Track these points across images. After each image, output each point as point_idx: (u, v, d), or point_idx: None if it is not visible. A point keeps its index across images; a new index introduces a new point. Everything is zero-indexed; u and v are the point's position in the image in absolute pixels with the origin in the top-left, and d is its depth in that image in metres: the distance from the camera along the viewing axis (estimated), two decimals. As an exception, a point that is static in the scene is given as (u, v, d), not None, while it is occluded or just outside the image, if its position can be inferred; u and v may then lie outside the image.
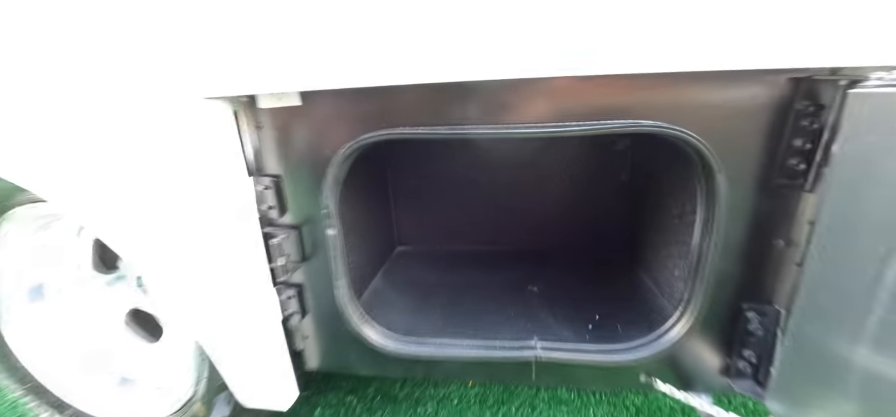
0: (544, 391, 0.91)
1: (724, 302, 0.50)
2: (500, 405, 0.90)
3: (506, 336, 0.60)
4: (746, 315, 0.50)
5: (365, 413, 0.91)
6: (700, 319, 0.51)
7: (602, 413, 0.86)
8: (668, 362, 0.55)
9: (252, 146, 0.52)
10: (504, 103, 0.46)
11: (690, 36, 0.38)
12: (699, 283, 0.50)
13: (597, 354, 0.55)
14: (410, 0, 0.40)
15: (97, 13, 0.46)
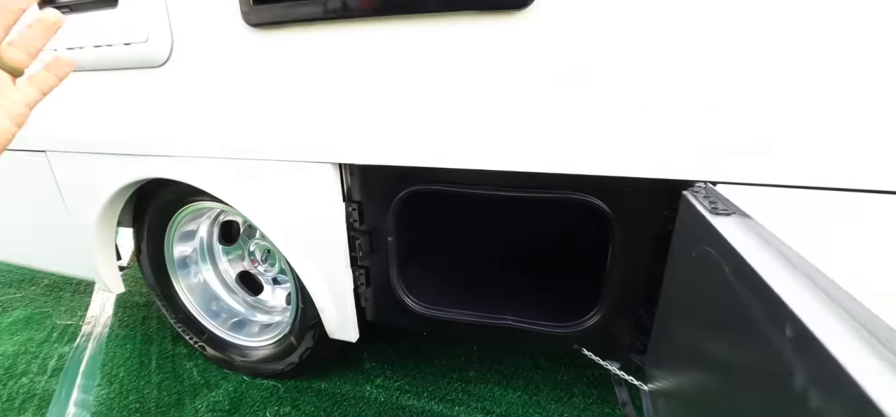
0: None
1: (626, 302, 0.82)
2: (495, 363, 1.25)
3: (492, 312, 0.94)
4: (639, 311, 0.82)
5: (398, 355, 1.29)
6: (613, 312, 0.84)
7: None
8: (593, 338, 0.88)
9: (347, 184, 0.88)
10: (500, 179, 0.79)
11: (607, 154, 0.69)
12: (610, 290, 0.82)
13: (546, 327, 0.89)
14: (438, 120, 0.74)
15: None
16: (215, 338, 1.28)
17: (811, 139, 0.57)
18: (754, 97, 0.59)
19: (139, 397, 1.19)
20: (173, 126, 0.89)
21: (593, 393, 1.14)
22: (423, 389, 1.17)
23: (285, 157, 0.84)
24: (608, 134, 0.66)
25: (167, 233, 1.18)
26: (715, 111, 0.61)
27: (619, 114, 0.64)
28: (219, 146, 0.88)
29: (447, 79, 0.70)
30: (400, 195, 0.83)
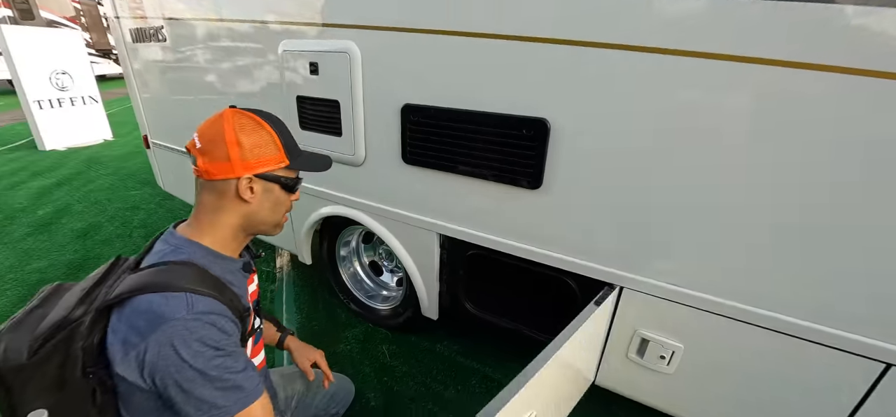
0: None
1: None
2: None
3: (516, 321, 1.63)
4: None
5: (461, 334, 2.05)
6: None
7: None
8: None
9: (441, 239, 1.63)
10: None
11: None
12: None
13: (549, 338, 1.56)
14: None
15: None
16: (355, 300, 2.17)
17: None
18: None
19: (316, 323, 2.13)
20: (361, 194, 1.72)
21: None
22: (473, 356, 1.92)
23: (413, 222, 1.61)
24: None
25: (338, 240, 2.08)
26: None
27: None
28: (379, 206, 1.68)
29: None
30: (467, 252, 1.56)
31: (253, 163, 0.79)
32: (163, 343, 0.67)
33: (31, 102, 5.16)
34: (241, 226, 0.85)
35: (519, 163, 1.24)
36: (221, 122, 0.78)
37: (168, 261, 0.76)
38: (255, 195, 0.81)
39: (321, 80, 1.56)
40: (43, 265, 2.63)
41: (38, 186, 4.01)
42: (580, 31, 1.04)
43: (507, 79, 1.18)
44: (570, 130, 1.14)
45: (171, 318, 0.67)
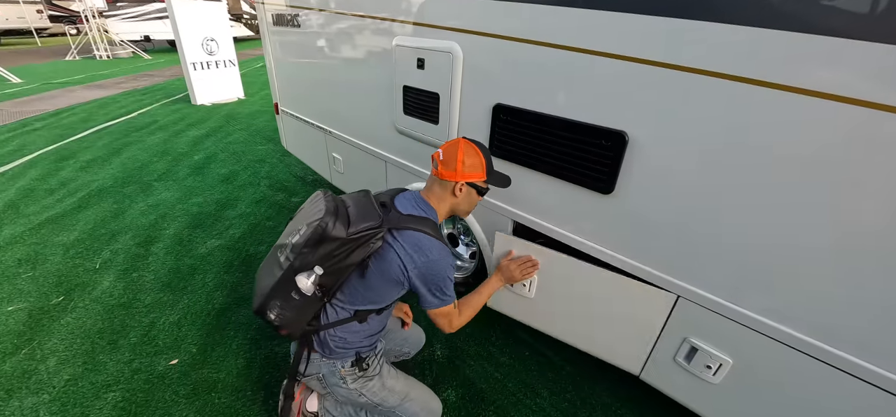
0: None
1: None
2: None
3: (575, 306, 1.78)
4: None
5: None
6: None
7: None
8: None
9: (513, 225, 1.82)
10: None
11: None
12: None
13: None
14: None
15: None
16: (433, 264, 2.48)
17: (727, 290, 1.24)
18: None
19: (398, 279, 2.49)
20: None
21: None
22: (530, 331, 2.11)
23: (491, 207, 1.82)
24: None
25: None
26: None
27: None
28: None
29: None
30: (537, 241, 1.73)
31: (467, 175, 1.29)
32: (431, 263, 1.22)
33: (189, 64, 6.32)
34: (450, 208, 1.37)
35: (594, 168, 1.38)
36: (458, 147, 1.30)
37: (425, 217, 1.29)
38: (462, 193, 1.32)
39: (426, 74, 1.81)
40: (200, 200, 3.39)
41: (194, 135, 5.01)
42: (666, 53, 1.13)
43: (592, 92, 1.31)
44: (647, 145, 1.24)
45: (438, 255, 1.24)
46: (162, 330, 2.03)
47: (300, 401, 1.62)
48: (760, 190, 1.08)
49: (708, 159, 1.15)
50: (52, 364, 1.82)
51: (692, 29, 1.06)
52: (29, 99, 6.86)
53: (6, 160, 4.14)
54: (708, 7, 1.03)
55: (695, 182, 1.19)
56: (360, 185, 2.87)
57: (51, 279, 2.39)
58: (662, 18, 1.11)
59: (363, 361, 1.36)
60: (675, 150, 1.20)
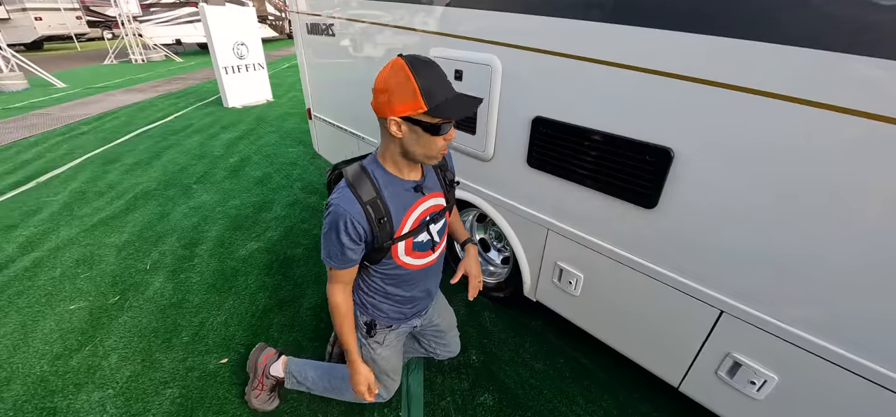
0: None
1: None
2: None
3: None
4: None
5: (556, 321, 2.27)
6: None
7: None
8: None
9: (545, 239, 1.84)
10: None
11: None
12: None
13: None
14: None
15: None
16: (465, 269, 2.52)
17: (775, 307, 1.23)
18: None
19: (431, 283, 2.54)
20: (485, 185, 2.01)
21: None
22: (565, 338, 2.14)
23: (527, 216, 1.85)
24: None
25: (457, 215, 2.43)
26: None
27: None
28: (500, 197, 1.95)
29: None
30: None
31: (397, 108, 0.96)
32: (330, 202, 1.10)
33: (221, 68, 6.54)
34: (400, 153, 1.08)
35: (637, 182, 1.39)
36: (385, 72, 0.99)
37: (359, 166, 1.13)
38: (404, 132, 1.01)
39: (464, 86, 1.84)
40: (237, 203, 3.53)
41: (228, 138, 5.20)
42: (719, 73, 1.13)
43: (638, 108, 1.32)
44: (694, 162, 1.25)
45: (333, 200, 1.09)
46: (211, 329, 2.14)
47: (265, 364, 1.72)
48: (810, 209, 1.08)
49: (757, 178, 1.14)
50: (113, 361, 1.96)
51: (746, 50, 1.06)
52: (73, 103, 7.25)
53: (59, 163, 4.41)
54: (764, 29, 1.03)
55: (742, 199, 1.19)
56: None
57: (107, 279, 2.55)
58: (715, 38, 1.11)
59: (373, 329, 1.40)
60: (723, 168, 1.20)
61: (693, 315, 1.43)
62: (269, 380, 1.71)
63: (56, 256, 2.78)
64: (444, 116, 0.99)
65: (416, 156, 1.07)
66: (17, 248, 2.88)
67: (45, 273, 2.61)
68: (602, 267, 1.64)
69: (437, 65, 1.00)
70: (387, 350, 1.47)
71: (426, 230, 1.25)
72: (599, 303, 1.74)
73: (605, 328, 1.78)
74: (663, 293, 1.47)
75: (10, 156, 4.60)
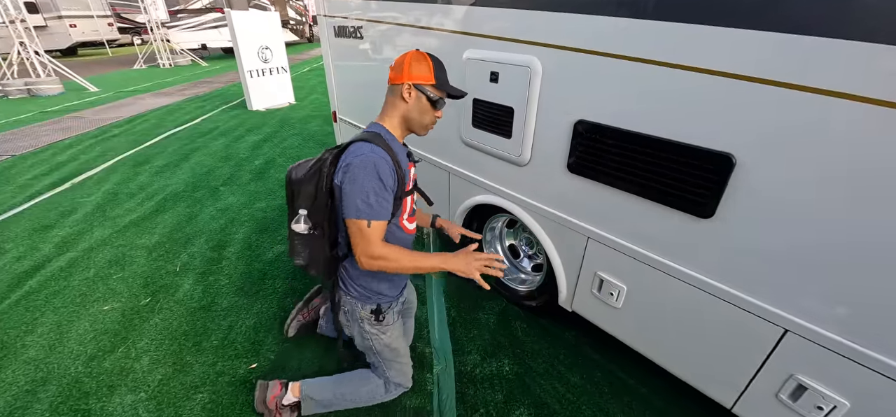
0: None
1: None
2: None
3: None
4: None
5: (592, 332, 2.18)
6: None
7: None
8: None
9: (584, 248, 1.76)
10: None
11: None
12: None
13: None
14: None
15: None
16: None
17: (851, 328, 1.12)
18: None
19: (458, 288, 2.48)
20: (519, 190, 1.94)
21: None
22: (602, 351, 2.05)
23: (566, 223, 1.77)
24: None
25: (486, 224, 2.36)
26: (800, 293, 1.20)
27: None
28: (536, 204, 1.88)
29: (658, 223, 1.47)
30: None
31: (413, 76, 1.25)
32: (352, 162, 1.17)
33: (246, 72, 6.65)
34: (401, 119, 1.31)
35: (692, 190, 1.30)
36: (406, 55, 1.28)
37: (367, 131, 1.29)
38: (411, 98, 1.27)
39: (499, 88, 1.78)
40: (263, 205, 3.55)
41: (252, 140, 5.27)
42: (790, 72, 1.04)
43: (694, 111, 1.23)
44: (759, 169, 1.15)
45: (361, 153, 1.18)
46: (240, 333, 2.13)
47: (274, 402, 1.64)
48: (890, 224, 0.98)
49: (831, 189, 1.05)
50: (145, 364, 1.96)
51: (821, 47, 0.97)
52: (105, 107, 7.49)
53: (92, 164, 4.54)
54: (848, 25, 0.93)
55: (813, 211, 1.09)
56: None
57: (138, 280, 2.58)
58: (784, 35, 1.02)
59: (381, 313, 1.48)
60: (792, 177, 1.10)
61: (752, 333, 1.32)
62: (284, 411, 1.64)
63: (90, 257, 2.84)
64: (447, 91, 1.31)
65: (414, 123, 1.32)
66: (53, 248, 2.95)
67: (80, 273, 2.66)
68: (648, 279, 1.55)
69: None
70: (397, 330, 1.58)
71: (417, 191, 1.47)
72: (644, 317, 1.65)
73: (649, 343, 1.69)
74: (718, 308, 1.38)
75: (47, 158, 4.76)
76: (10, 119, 6.65)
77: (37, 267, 2.73)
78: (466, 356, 2.02)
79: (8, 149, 5.13)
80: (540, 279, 2.20)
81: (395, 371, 1.62)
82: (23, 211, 3.51)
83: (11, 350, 2.06)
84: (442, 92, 1.30)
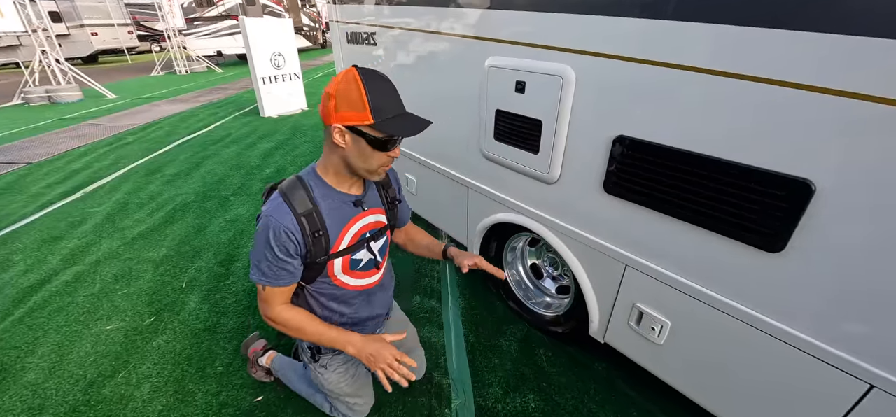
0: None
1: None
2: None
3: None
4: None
5: (625, 364, 1.99)
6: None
7: None
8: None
9: (622, 276, 1.58)
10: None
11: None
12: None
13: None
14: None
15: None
16: (514, 299, 2.28)
17: None
18: None
19: (477, 312, 2.32)
20: (546, 210, 1.78)
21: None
22: (637, 387, 1.85)
23: (600, 248, 1.60)
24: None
25: (507, 243, 2.20)
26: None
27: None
28: (565, 225, 1.71)
29: (711, 253, 1.28)
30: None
31: (343, 116, 0.96)
32: (262, 213, 1.05)
33: (259, 78, 6.62)
34: (341, 163, 1.06)
35: (757, 220, 1.12)
36: (337, 79, 0.98)
37: (296, 177, 1.09)
38: (348, 143, 0.99)
39: (526, 99, 1.62)
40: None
41: (264, 148, 5.20)
42: (892, 87, 0.86)
43: (766, 130, 1.05)
44: (847, 199, 0.97)
45: (266, 211, 1.03)
46: (246, 359, 2.00)
47: (253, 356, 1.87)
48: None
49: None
50: (146, 392, 1.85)
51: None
52: (122, 113, 7.55)
53: (105, 173, 4.51)
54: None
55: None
56: (435, 209, 2.79)
57: (143, 297, 2.48)
58: (889, 42, 0.84)
59: (318, 352, 1.38)
60: (888, 205, 0.92)
61: (829, 385, 1.13)
62: (261, 368, 1.84)
63: (96, 271, 2.76)
64: (390, 132, 0.99)
65: (358, 169, 1.05)
66: (60, 261, 2.88)
67: (85, 288, 2.57)
68: (698, 316, 1.37)
69: (390, 81, 1.02)
70: (334, 375, 1.40)
71: (366, 247, 1.21)
72: (690, 356, 1.46)
73: (696, 385, 1.50)
74: (785, 355, 1.19)
75: (62, 166, 4.76)
76: (29, 126, 6.74)
77: (43, 281, 2.66)
78: (487, 388, 1.85)
79: (25, 156, 5.16)
80: (567, 303, 2.02)
81: (343, 405, 1.53)
82: (33, 222, 3.47)
83: (11, 373, 1.97)
84: (384, 132, 0.98)
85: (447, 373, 1.93)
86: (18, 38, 13.34)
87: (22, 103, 8.70)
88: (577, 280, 1.76)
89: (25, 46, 13.57)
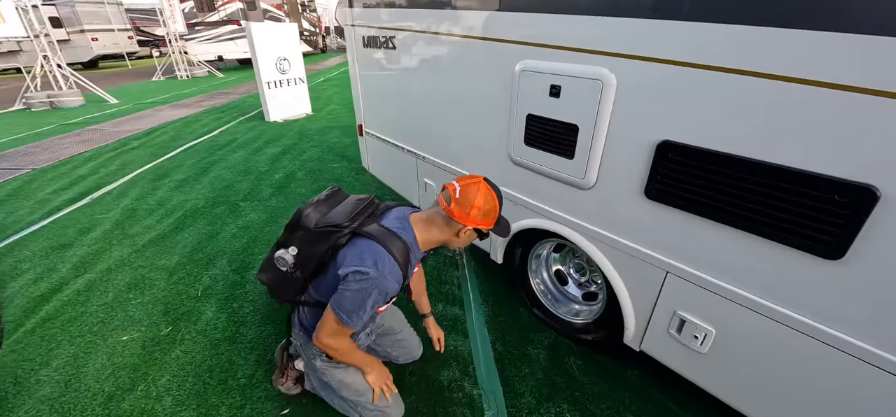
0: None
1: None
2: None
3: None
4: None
5: (661, 371, 1.95)
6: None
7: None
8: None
9: (660, 289, 1.55)
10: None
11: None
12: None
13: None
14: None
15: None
16: (540, 305, 2.24)
17: None
18: None
19: (502, 319, 2.28)
20: (580, 216, 1.74)
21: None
22: (673, 396, 1.81)
23: (639, 255, 1.56)
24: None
25: (532, 249, 2.16)
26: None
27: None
28: (600, 231, 1.68)
29: (762, 261, 1.25)
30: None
31: (478, 222, 1.26)
32: (359, 271, 1.19)
33: (264, 83, 6.58)
34: (441, 243, 1.35)
35: (815, 226, 1.09)
36: (477, 188, 1.25)
37: (393, 234, 1.27)
38: (465, 235, 1.30)
39: (561, 103, 1.59)
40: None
41: (271, 153, 5.16)
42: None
43: (826, 134, 1.02)
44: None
45: (371, 268, 1.19)
46: (270, 370, 1.95)
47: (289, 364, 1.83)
48: None
49: None
50: (168, 405, 1.80)
51: None
52: (125, 118, 7.49)
53: (111, 179, 4.45)
54: None
55: None
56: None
57: (158, 306, 2.43)
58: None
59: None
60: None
61: (889, 396, 1.10)
62: (293, 372, 1.79)
63: (108, 279, 2.70)
64: (499, 233, 1.35)
65: (452, 246, 1.36)
66: (71, 269, 2.82)
67: (98, 298, 2.52)
68: (747, 325, 1.33)
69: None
70: (347, 373, 1.54)
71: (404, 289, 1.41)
72: (738, 366, 1.42)
73: (744, 396, 1.45)
74: (846, 365, 1.15)
75: (67, 172, 4.70)
76: (32, 131, 6.67)
77: (54, 290, 2.60)
78: (519, 398, 1.81)
79: (29, 162, 5.10)
80: (599, 309, 1.98)
81: (367, 411, 1.57)
82: (41, 229, 3.42)
83: (25, 387, 1.91)
84: (495, 233, 1.34)
85: (476, 383, 1.88)
86: (19, 44, 13.30)
87: (23, 108, 8.63)
88: (610, 286, 1.72)
89: (26, 52, 13.51)
